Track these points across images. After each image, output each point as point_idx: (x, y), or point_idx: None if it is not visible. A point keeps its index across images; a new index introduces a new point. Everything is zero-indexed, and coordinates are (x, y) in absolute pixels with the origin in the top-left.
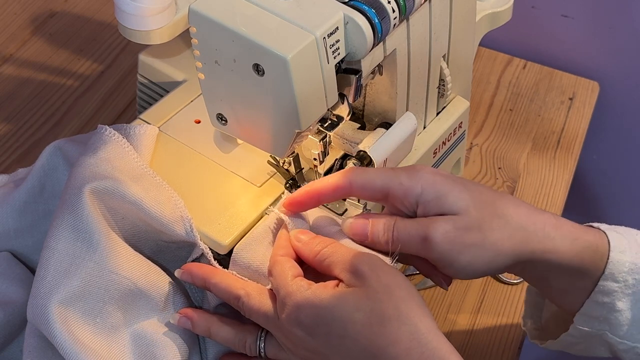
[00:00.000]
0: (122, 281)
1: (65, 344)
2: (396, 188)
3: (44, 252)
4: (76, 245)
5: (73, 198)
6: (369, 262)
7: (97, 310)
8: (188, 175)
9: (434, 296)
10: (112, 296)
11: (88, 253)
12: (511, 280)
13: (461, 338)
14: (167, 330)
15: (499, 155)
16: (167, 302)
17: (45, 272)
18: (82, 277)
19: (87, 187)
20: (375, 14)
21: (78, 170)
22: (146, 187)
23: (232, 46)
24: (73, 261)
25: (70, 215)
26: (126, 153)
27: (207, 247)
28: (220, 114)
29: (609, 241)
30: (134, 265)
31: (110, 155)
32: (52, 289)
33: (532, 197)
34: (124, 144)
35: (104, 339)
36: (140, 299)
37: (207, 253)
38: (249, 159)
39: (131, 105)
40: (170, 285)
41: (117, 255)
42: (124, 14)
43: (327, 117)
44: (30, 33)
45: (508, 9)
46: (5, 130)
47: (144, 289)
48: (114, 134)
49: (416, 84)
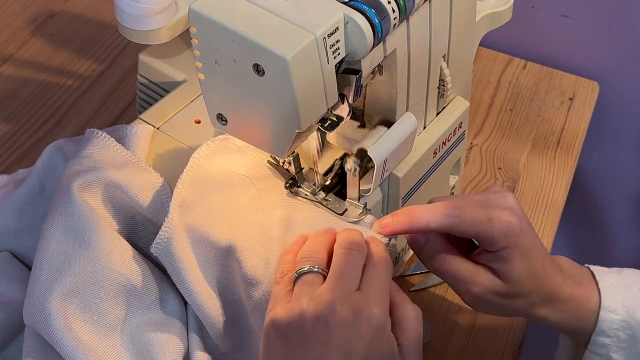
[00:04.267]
0: (117, 277)
1: (64, 341)
2: (484, 239)
3: (37, 255)
4: (68, 244)
5: (62, 199)
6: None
7: (94, 308)
8: None
9: (434, 296)
10: (108, 292)
11: (81, 249)
12: None
13: (461, 338)
14: (163, 328)
15: (499, 155)
16: (162, 299)
17: (39, 272)
18: (76, 273)
19: (75, 184)
20: (375, 14)
21: (64, 172)
22: (128, 173)
23: (232, 46)
24: (66, 259)
25: (60, 215)
26: (107, 145)
27: (169, 231)
28: (220, 114)
29: (600, 299)
30: (127, 261)
31: (93, 151)
32: (48, 288)
33: (532, 197)
34: (105, 138)
35: (101, 338)
36: (135, 296)
37: (167, 238)
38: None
39: (131, 105)
40: (164, 281)
41: (110, 251)
42: (124, 14)
43: (327, 117)
44: (30, 33)
45: (508, 9)
46: (5, 130)
47: (138, 285)
48: (98, 132)
49: (416, 84)
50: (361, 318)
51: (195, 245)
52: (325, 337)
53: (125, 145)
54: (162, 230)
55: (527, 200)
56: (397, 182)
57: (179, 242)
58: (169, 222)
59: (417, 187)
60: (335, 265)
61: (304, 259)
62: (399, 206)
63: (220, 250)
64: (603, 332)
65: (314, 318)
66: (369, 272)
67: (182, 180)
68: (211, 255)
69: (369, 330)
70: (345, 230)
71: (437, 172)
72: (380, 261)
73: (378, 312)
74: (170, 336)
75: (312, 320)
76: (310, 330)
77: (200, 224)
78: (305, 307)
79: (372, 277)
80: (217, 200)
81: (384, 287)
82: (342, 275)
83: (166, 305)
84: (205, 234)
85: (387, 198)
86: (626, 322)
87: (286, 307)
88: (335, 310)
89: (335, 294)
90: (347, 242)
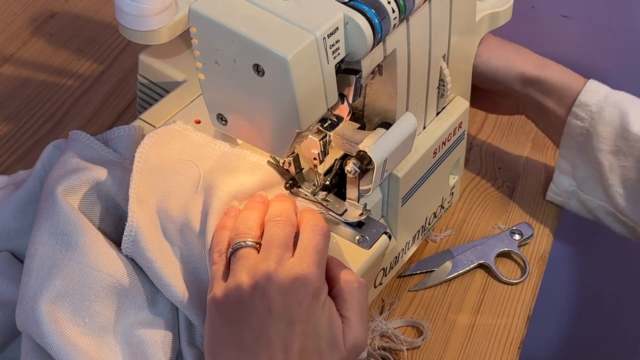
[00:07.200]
0: (106, 278)
1: (55, 344)
2: None
3: (25, 261)
4: (55, 248)
5: (47, 204)
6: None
7: (85, 310)
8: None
9: (434, 296)
10: (98, 294)
11: (68, 252)
12: (511, 280)
13: (461, 338)
14: (156, 327)
15: (499, 155)
16: (153, 298)
17: (28, 278)
18: (65, 276)
19: (59, 189)
20: (375, 14)
21: (49, 177)
22: (112, 172)
23: (232, 46)
24: (54, 263)
25: (45, 221)
26: (90, 147)
27: (133, 230)
28: (220, 114)
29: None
30: (116, 262)
31: (76, 154)
32: (37, 292)
33: (532, 197)
34: (88, 140)
35: (94, 340)
36: (125, 296)
37: (133, 237)
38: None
39: (131, 106)
40: (152, 282)
41: (98, 252)
42: (124, 14)
43: (327, 117)
44: (30, 33)
45: (508, 9)
46: (5, 130)
47: (128, 285)
48: (80, 134)
49: (416, 84)
50: (297, 284)
51: (163, 237)
52: (264, 306)
53: (114, 146)
54: (127, 231)
55: (528, 200)
56: (397, 182)
57: (146, 238)
58: (130, 222)
59: (417, 187)
60: (266, 236)
61: (238, 236)
62: (399, 206)
63: (185, 236)
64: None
65: (251, 288)
66: (303, 239)
67: (133, 177)
68: (178, 245)
69: (306, 296)
70: (275, 203)
71: (437, 172)
72: (315, 227)
73: (313, 276)
74: (163, 335)
75: (249, 291)
76: (248, 301)
77: (160, 216)
78: (242, 280)
79: (306, 243)
80: (167, 188)
81: (319, 251)
82: (273, 244)
83: (157, 304)
84: (165, 226)
85: (387, 198)
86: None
87: (224, 284)
88: (271, 277)
89: (269, 263)
90: (276, 214)
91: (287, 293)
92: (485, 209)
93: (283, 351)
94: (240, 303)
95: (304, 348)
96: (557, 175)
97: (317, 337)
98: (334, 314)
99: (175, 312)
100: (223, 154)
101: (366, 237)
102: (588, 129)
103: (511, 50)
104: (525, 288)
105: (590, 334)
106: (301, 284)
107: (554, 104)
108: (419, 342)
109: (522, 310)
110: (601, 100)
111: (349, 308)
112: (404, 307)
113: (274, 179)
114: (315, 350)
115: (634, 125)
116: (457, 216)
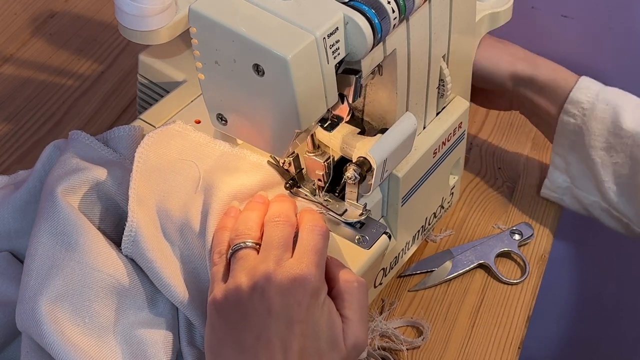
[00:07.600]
0: (106, 278)
1: (55, 344)
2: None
3: (25, 261)
4: (55, 249)
5: (47, 204)
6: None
7: (85, 310)
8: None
9: (434, 296)
10: (98, 294)
11: (68, 252)
12: (511, 280)
13: (461, 338)
14: (156, 327)
15: (499, 155)
16: (153, 298)
17: (28, 278)
18: (65, 276)
19: (59, 189)
20: (375, 14)
21: (49, 178)
22: (112, 171)
23: (232, 46)
24: (53, 263)
25: (45, 221)
26: (90, 147)
27: (133, 230)
28: (220, 114)
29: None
30: (116, 262)
31: (76, 153)
32: (37, 292)
33: (531, 198)
34: (88, 140)
35: (94, 340)
36: (125, 296)
37: (133, 237)
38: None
39: (131, 106)
40: (152, 282)
41: (97, 252)
42: (124, 14)
43: (327, 117)
44: (30, 33)
45: (508, 9)
46: (5, 130)
47: (128, 285)
48: (80, 134)
49: (416, 84)
50: (296, 285)
51: (163, 237)
52: (263, 307)
53: (114, 146)
54: (127, 231)
55: (528, 200)
56: (397, 182)
57: (146, 238)
58: (130, 222)
59: (417, 187)
60: (265, 237)
61: (237, 237)
62: (399, 206)
63: (185, 236)
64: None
65: (251, 289)
66: (302, 239)
67: (133, 177)
68: (177, 245)
69: (305, 296)
70: (275, 203)
71: (437, 172)
72: (314, 228)
73: (312, 276)
74: (163, 335)
75: (248, 292)
76: (248, 302)
77: (160, 216)
78: (241, 281)
79: (305, 243)
80: (167, 188)
81: (317, 252)
82: (272, 245)
83: (157, 304)
84: (165, 226)
85: (387, 198)
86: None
87: (224, 285)
88: (270, 278)
89: (268, 263)
90: (275, 215)
91: (286, 294)
92: (485, 209)
93: (282, 352)
94: (239, 304)
95: (303, 348)
96: (552, 172)
97: (317, 337)
98: (333, 314)
99: (175, 312)
100: (223, 154)
101: (366, 237)
102: (580, 126)
103: (502, 49)
104: (525, 288)
105: (590, 334)
106: (300, 285)
107: (545, 101)
108: (419, 342)
109: (522, 310)
110: (593, 97)
111: (349, 307)
112: (404, 307)
113: (274, 179)
114: (315, 350)
115: (625, 122)
116: (457, 216)
